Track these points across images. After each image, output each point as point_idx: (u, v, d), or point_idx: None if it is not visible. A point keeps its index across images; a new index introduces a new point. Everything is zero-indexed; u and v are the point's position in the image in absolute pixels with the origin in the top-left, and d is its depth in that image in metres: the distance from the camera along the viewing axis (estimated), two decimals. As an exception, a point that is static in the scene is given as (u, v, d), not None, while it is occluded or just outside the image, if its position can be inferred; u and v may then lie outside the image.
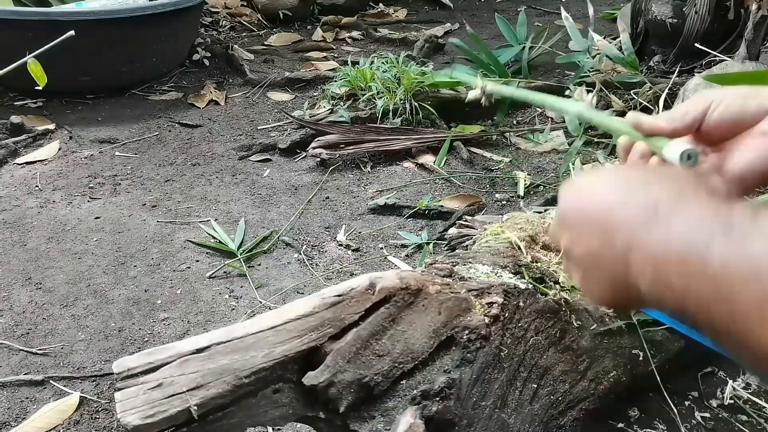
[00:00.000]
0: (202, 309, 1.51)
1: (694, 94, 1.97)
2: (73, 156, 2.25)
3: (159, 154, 2.27)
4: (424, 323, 0.90)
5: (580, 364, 1.06)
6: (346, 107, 2.45)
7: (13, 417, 1.23)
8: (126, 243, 1.76)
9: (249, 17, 3.70)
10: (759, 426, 1.16)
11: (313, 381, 0.82)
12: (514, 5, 4.12)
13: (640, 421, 1.17)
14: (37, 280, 1.61)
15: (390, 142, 2.20)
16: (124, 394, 0.75)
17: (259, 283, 1.60)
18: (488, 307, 0.97)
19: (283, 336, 0.82)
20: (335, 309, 0.85)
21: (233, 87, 2.86)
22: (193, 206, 1.95)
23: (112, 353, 1.38)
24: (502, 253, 1.15)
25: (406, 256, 1.70)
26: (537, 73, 2.90)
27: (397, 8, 4.10)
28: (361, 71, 2.51)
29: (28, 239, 1.78)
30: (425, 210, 1.86)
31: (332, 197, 1.99)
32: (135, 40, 2.59)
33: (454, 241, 1.37)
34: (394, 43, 3.39)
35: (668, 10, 2.57)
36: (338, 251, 1.73)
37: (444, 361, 0.91)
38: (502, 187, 2.03)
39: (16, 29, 2.32)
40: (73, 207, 1.93)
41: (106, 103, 2.66)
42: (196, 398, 0.76)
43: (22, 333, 1.44)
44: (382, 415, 0.86)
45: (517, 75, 2.60)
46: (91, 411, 1.25)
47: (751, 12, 2.06)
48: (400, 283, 0.90)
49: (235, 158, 2.25)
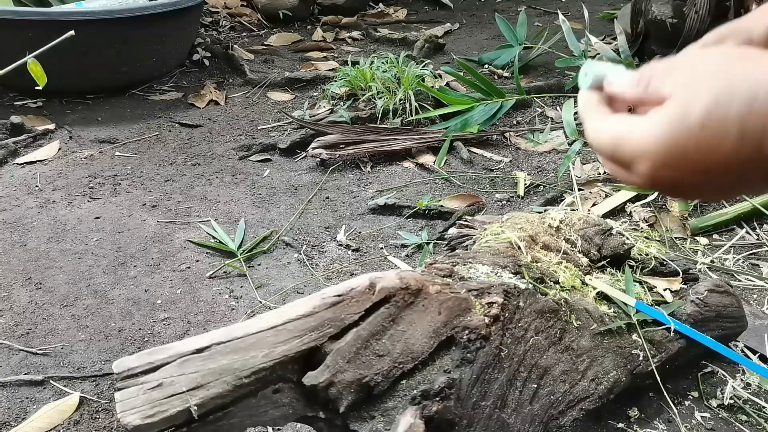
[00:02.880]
0: (202, 309, 1.51)
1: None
2: (73, 156, 2.25)
3: (159, 154, 2.27)
4: (424, 323, 0.90)
5: (580, 364, 1.06)
6: (346, 107, 2.46)
7: (13, 417, 1.23)
8: (126, 243, 1.76)
9: (249, 17, 3.70)
10: (759, 426, 1.17)
11: (313, 381, 0.82)
12: (514, 5, 4.12)
13: (640, 421, 1.18)
14: (37, 280, 1.61)
15: (390, 142, 2.20)
16: (124, 394, 0.75)
17: (259, 283, 1.60)
18: (488, 307, 0.97)
19: (283, 336, 0.82)
20: (335, 309, 0.85)
21: (233, 87, 2.86)
22: (193, 206, 1.95)
23: (112, 353, 1.38)
24: (502, 253, 1.15)
25: (406, 256, 1.70)
26: (537, 73, 2.90)
27: (397, 8, 4.10)
28: (361, 71, 2.51)
29: (28, 239, 1.78)
30: (425, 210, 1.86)
31: (332, 197, 1.99)
32: (135, 40, 2.59)
33: (454, 241, 1.37)
34: (394, 43, 3.39)
35: (668, 10, 2.57)
36: (338, 251, 1.73)
37: (444, 361, 0.91)
38: (502, 187, 2.03)
39: (16, 29, 2.32)
40: (73, 207, 1.93)
41: (106, 103, 2.66)
42: (196, 398, 0.76)
43: (22, 333, 1.44)
44: (382, 415, 0.86)
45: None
46: (91, 411, 1.25)
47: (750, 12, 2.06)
48: (400, 283, 0.90)
49: (235, 158, 2.25)
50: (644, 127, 0.41)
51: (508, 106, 2.41)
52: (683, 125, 0.39)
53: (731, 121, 0.37)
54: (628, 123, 0.43)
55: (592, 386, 1.06)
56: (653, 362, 1.14)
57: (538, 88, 2.59)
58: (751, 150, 0.37)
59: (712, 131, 0.38)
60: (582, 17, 2.74)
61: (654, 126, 0.40)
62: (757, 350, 1.31)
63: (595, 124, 0.46)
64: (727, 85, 0.37)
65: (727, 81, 0.38)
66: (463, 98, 2.40)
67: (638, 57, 2.74)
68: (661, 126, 0.40)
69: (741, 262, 1.63)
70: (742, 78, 0.37)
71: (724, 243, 1.70)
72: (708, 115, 0.38)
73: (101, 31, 2.46)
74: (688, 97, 0.39)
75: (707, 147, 0.38)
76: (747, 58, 0.39)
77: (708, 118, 0.38)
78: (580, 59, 2.45)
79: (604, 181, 1.97)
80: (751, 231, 1.74)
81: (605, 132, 0.44)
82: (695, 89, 0.39)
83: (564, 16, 2.52)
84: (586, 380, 1.06)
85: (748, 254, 1.66)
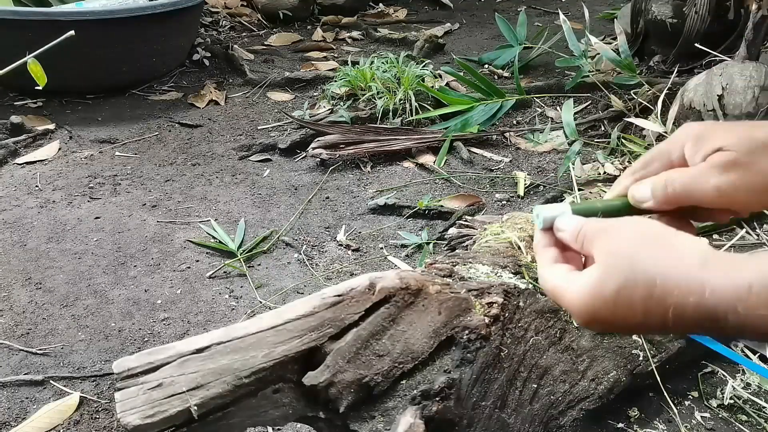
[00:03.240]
0: (202, 309, 1.51)
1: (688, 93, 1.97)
2: (73, 156, 2.25)
3: (159, 154, 2.27)
4: (424, 323, 0.90)
5: (580, 364, 1.06)
6: (346, 107, 2.46)
7: (13, 417, 1.23)
8: (126, 243, 1.76)
9: (249, 17, 3.70)
10: (759, 426, 1.17)
11: (313, 381, 0.82)
12: (514, 5, 4.12)
13: (640, 421, 1.17)
14: (37, 280, 1.61)
15: (390, 142, 2.20)
16: (124, 394, 0.75)
17: (259, 283, 1.60)
18: (488, 307, 0.97)
19: (283, 336, 0.82)
20: (335, 309, 0.85)
21: (233, 87, 2.86)
22: (193, 206, 1.95)
23: (112, 353, 1.38)
24: (502, 253, 1.15)
25: (406, 256, 1.70)
26: (537, 73, 2.90)
27: (397, 8, 4.10)
28: (361, 71, 2.51)
29: (28, 239, 1.78)
30: (425, 210, 1.86)
31: (332, 197, 1.99)
32: (135, 40, 2.59)
33: (454, 241, 1.37)
34: (394, 43, 3.39)
35: (668, 10, 2.57)
36: (338, 251, 1.73)
37: (444, 361, 0.91)
38: (502, 187, 2.03)
39: (16, 29, 2.32)
40: (73, 207, 1.93)
41: (106, 103, 2.66)
42: (196, 398, 0.76)
43: (22, 333, 1.44)
44: (382, 415, 0.86)
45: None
46: (91, 411, 1.25)
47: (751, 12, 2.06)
48: (400, 283, 0.90)
49: (235, 158, 2.25)
50: (574, 290, 0.50)
51: (508, 106, 2.41)
52: (600, 298, 0.48)
53: (637, 301, 0.46)
54: (565, 279, 0.52)
55: (592, 386, 1.06)
56: (653, 362, 1.14)
57: (538, 88, 2.59)
58: (657, 324, 0.46)
59: (623, 307, 0.47)
60: (582, 17, 2.74)
61: (580, 291, 0.49)
62: (757, 350, 1.31)
63: (541, 270, 0.56)
64: (632, 271, 0.47)
65: (632, 267, 0.47)
66: (463, 98, 2.40)
67: (638, 57, 2.74)
68: (584, 295, 0.49)
69: (741, 262, 1.63)
70: (644, 266, 0.46)
71: (724, 243, 1.70)
72: (618, 294, 0.47)
73: (101, 31, 2.46)
74: (606, 271, 0.48)
75: (622, 317, 0.47)
76: (652, 244, 0.48)
77: (618, 296, 0.47)
78: (580, 59, 2.45)
79: (604, 181, 1.97)
80: (751, 231, 1.74)
81: (548, 282, 0.54)
82: (611, 265, 0.48)
83: (564, 16, 2.52)
84: (586, 380, 1.06)
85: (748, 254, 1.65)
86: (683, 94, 2.04)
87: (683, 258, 0.46)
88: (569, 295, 0.51)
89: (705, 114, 1.93)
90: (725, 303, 0.43)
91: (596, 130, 2.31)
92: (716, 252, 0.46)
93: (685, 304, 0.45)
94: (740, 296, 0.43)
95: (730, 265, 0.45)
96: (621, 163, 2.05)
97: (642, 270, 0.47)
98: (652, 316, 0.46)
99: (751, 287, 0.43)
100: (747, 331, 0.43)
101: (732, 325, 0.43)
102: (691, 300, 0.44)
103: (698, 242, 0.48)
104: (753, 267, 0.44)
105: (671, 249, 0.47)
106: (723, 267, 0.45)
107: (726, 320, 0.44)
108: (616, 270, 0.48)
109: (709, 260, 0.46)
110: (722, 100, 1.91)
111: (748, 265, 0.44)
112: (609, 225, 0.52)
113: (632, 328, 0.48)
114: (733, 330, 0.44)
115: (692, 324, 0.45)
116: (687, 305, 0.45)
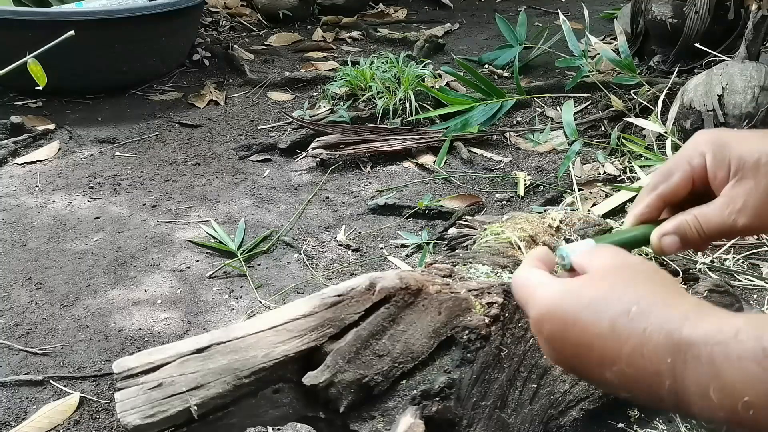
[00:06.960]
0: (202, 309, 1.51)
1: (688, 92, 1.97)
2: (73, 156, 2.25)
3: (159, 154, 2.27)
4: (424, 323, 0.90)
5: (580, 364, 1.06)
6: (346, 107, 2.46)
7: (13, 417, 1.23)
8: (126, 243, 1.76)
9: (249, 17, 3.70)
10: (759, 426, 1.16)
11: (313, 381, 0.82)
12: (514, 5, 4.12)
13: (640, 421, 1.17)
14: (37, 280, 1.61)
15: (390, 142, 2.20)
16: (124, 394, 0.75)
17: (259, 283, 1.60)
18: (488, 307, 0.97)
19: (283, 336, 0.82)
20: (335, 309, 0.85)
21: (233, 87, 2.86)
22: (193, 206, 1.95)
23: (112, 353, 1.38)
24: (502, 253, 1.15)
25: (406, 256, 1.70)
26: (537, 73, 2.90)
27: (397, 8, 4.10)
28: (361, 71, 2.51)
29: (28, 239, 1.78)
30: (425, 210, 1.86)
31: (332, 197, 1.99)
32: (135, 40, 2.59)
33: (454, 241, 1.37)
34: (394, 43, 3.39)
35: (668, 10, 2.57)
36: (338, 251, 1.73)
37: (444, 361, 0.91)
38: (502, 187, 2.03)
39: (16, 29, 2.32)
40: (73, 207, 1.93)
41: (106, 103, 2.66)
42: (196, 398, 0.76)
43: (22, 333, 1.44)
44: (382, 415, 0.86)
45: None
46: (91, 411, 1.25)
47: (751, 12, 2.06)
48: (400, 283, 0.90)
49: (235, 158, 2.25)
50: (551, 285, 0.50)
51: (508, 106, 2.41)
52: (575, 295, 0.48)
53: (610, 315, 0.45)
54: (547, 277, 0.52)
55: (592, 386, 1.06)
56: (653, 362, 1.14)
57: (538, 88, 2.59)
58: (614, 347, 0.45)
59: (592, 311, 0.46)
60: (582, 17, 2.74)
61: (556, 287, 0.49)
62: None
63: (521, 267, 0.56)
64: (622, 288, 0.47)
65: (624, 286, 0.47)
66: (463, 98, 2.40)
67: (638, 57, 2.74)
68: (558, 291, 0.49)
69: (741, 262, 1.63)
70: (635, 290, 0.46)
71: (724, 243, 1.70)
72: (593, 300, 0.47)
73: (101, 31, 2.46)
74: (593, 276, 0.49)
75: (586, 321, 0.46)
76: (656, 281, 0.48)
77: (592, 301, 0.47)
78: (580, 59, 2.45)
79: (604, 182, 1.97)
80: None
81: (522, 272, 0.54)
82: (602, 277, 0.49)
83: (564, 16, 2.52)
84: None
85: (748, 254, 1.65)
86: (683, 94, 2.04)
87: (681, 297, 0.45)
88: (541, 289, 0.50)
89: (705, 114, 1.93)
90: (703, 342, 0.40)
91: (596, 130, 2.31)
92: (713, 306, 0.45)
93: (657, 331, 0.42)
94: (723, 339, 0.40)
95: (723, 313, 0.42)
96: (621, 163, 2.05)
97: (632, 291, 0.46)
98: (616, 333, 0.44)
99: (738, 333, 0.39)
100: (714, 388, 0.39)
101: (699, 373, 0.40)
102: (665, 327, 0.42)
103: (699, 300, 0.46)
104: (745, 318, 0.41)
105: (674, 293, 0.46)
106: (716, 313, 0.42)
107: (696, 364, 0.40)
108: (606, 282, 0.48)
109: (703, 306, 0.44)
110: (722, 100, 1.91)
111: (741, 317, 0.41)
112: (624, 256, 0.52)
113: (585, 341, 0.46)
114: (696, 383, 0.40)
115: (653, 358, 0.42)
116: (659, 332, 0.42)
